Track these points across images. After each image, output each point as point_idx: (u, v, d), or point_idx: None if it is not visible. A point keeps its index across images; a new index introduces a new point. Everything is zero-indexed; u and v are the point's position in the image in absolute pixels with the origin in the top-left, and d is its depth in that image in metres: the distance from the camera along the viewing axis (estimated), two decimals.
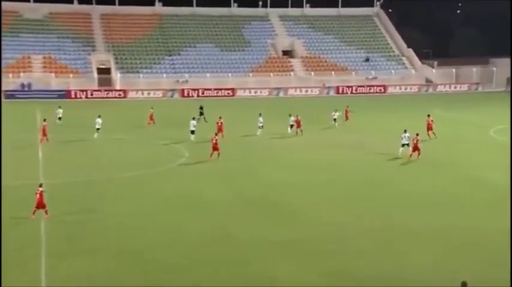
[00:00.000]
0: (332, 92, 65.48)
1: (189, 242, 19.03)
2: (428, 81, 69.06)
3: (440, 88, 67.14)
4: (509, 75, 68.14)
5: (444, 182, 26.11)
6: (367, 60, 71.41)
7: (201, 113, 42.71)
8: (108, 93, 59.65)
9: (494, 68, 69.77)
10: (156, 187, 25.14)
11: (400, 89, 66.39)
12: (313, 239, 19.39)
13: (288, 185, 25.76)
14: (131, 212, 21.84)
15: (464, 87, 67.32)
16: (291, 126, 37.16)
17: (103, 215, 21.38)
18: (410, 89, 66.52)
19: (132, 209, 22.29)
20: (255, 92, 63.87)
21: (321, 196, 24.09)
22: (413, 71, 69.58)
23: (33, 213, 20.65)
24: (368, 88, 65.92)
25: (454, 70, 69.43)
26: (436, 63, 75.12)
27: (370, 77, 67.98)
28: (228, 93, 63.56)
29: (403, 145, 30.83)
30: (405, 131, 31.12)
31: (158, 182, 25.85)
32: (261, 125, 37.31)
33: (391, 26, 76.18)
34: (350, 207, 22.69)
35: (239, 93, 63.75)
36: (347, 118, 41.22)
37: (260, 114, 37.82)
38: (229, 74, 66.38)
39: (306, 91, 65.23)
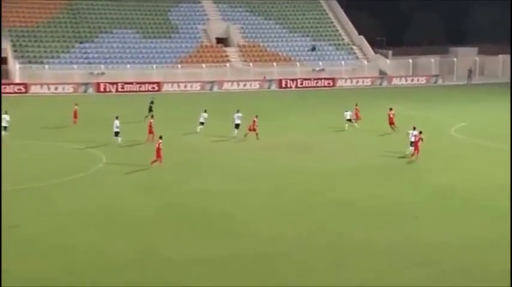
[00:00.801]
0: (274, 86, 66.28)
1: (108, 266, 18.86)
2: (382, 73, 71.09)
3: (395, 81, 69.26)
4: (471, 66, 71.14)
5: (400, 189, 27.05)
6: (313, 49, 72.76)
7: (151, 109, 42.82)
8: (5, 88, 57.83)
9: (455, 59, 72.69)
10: (68, 199, 24.74)
11: (351, 82, 68.03)
12: (255, 256, 19.67)
13: (228, 195, 25.96)
14: (36, 232, 21.39)
15: (422, 80, 69.75)
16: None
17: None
18: (363, 82, 68.27)
19: (37, 228, 21.84)
20: (185, 87, 63.80)
21: (265, 207, 24.43)
22: (365, 62, 71.47)
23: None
24: (315, 81, 67.16)
25: (410, 61, 71.82)
26: (390, 52, 77.43)
27: (317, 68, 69.31)
28: (153, 87, 63.14)
29: (411, 144, 32.23)
30: (414, 129, 32.55)
31: (70, 194, 25.44)
32: (202, 121, 38.71)
33: (341, 10, 77.96)
34: (297, 219, 23.13)
35: (166, 87, 63.47)
36: (357, 118, 41.53)
37: (205, 111, 39.43)
38: (154, 66, 65.95)
39: (244, 85, 65.71)
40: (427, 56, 73.74)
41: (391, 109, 39.39)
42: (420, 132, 32.26)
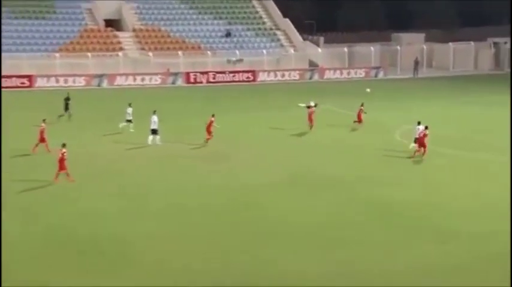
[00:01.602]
0: (180, 81, 66.25)
1: None
2: (313, 65, 72.43)
3: (328, 74, 70.71)
4: (417, 56, 73.58)
5: (336, 205, 27.55)
6: (228, 35, 73.23)
7: (67, 107, 43.41)
8: None
9: (399, 47, 74.99)
10: None
11: (275, 75, 68.94)
12: None
13: (123, 216, 25.77)
14: None
15: (361, 73, 71.52)
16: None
17: None
18: (289, 75, 69.33)
19: None
20: (65, 81, 62.75)
21: (166, 231, 24.38)
22: (292, 51, 72.58)
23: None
24: (231, 75, 67.61)
25: (346, 49, 73.50)
26: (322, 39, 79.02)
27: (234, 59, 69.82)
28: (23, 83, 61.79)
29: (415, 140, 35.40)
30: (419, 123, 35.48)
31: None
32: (129, 118, 40.71)
33: None
34: (207, 245, 23.18)
35: (40, 82, 62.27)
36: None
37: (130, 105, 40.90)
38: (25, 55, 64.46)
39: (142, 79, 65.35)
40: (365, 43, 75.71)
41: (362, 105, 42.86)
42: (426, 128, 34.94)
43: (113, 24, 71.78)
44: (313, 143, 39.19)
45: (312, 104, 42.75)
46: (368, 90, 43.20)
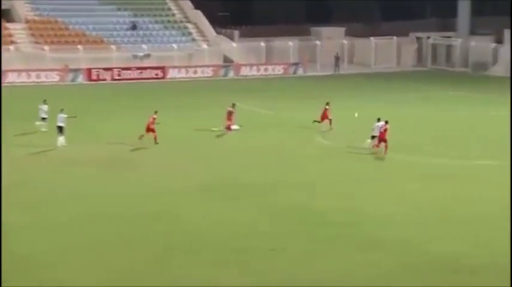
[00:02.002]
0: (80, 79, 65.37)
1: None
2: (228, 61, 72.55)
3: (245, 71, 70.99)
4: (338, 52, 74.65)
5: (252, 214, 27.68)
6: (133, 28, 72.65)
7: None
8: None
9: (318, 42, 75.94)
10: None
11: (187, 72, 68.82)
12: None
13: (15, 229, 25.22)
14: None
15: (279, 70, 72.09)
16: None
17: None
18: (202, 72, 69.32)
19: None
20: None
21: (71, 242, 24.03)
22: (204, 45, 72.57)
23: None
24: (138, 72, 67.10)
25: (263, 44, 73.98)
26: (237, 33, 79.24)
27: (141, 54, 69.31)
28: None
29: (373, 137, 37.04)
30: (378, 120, 37.29)
31: None
32: (44, 116, 41.05)
33: None
34: (113, 259, 22.94)
35: None
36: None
37: (45, 101, 41.58)
38: None
39: (38, 76, 64.16)
40: (283, 38, 76.37)
41: (327, 104, 42.91)
42: (386, 122, 36.76)
43: (3, 14, 70.06)
44: (231, 146, 39.35)
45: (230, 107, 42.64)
46: (356, 115, 43.50)
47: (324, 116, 42.81)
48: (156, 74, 67.52)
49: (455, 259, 23.01)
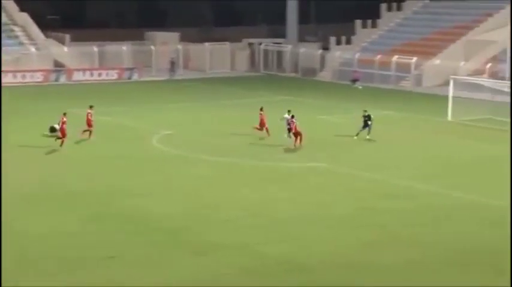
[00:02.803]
0: None
1: None
2: (59, 66, 71.18)
3: (77, 76, 69.89)
4: (173, 57, 74.87)
5: (88, 222, 27.44)
6: None
7: None
8: None
9: (153, 47, 75.89)
10: None
11: (15, 77, 66.93)
12: None
13: None
14: None
15: (113, 75, 71.45)
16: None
17: None
18: (31, 77, 67.66)
19: None
20: None
21: None
22: (33, 49, 70.88)
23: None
24: None
25: (96, 49, 73.10)
26: (68, 37, 77.93)
27: None
28: None
29: (289, 131, 40.28)
30: (289, 111, 40.67)
31: None
32: None
33: None
34: None
35: None
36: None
37: None
38: None
39: None
40: (117, 42, 75.80)
41: (261, 109, 43.29)
42: (292, 117, 40.02)
43: None
44: (64, 154, 38.59)
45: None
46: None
47: (262, 123, 42.69)
48: None
49: (288, 260, 23.80)
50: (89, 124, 41.08)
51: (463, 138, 43.89)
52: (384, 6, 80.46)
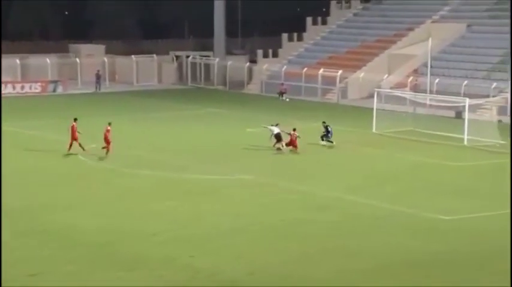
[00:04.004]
0: None
1: None
2: None
3: None
4: (99, 70, 73.91)
5: (7, 241, 26.65)
6: None
7: None
8: None
9: (78, 59, 74.87)
10: None
11: None
12: None
13: None
14: None
15: (37, 88, 70.12)
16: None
17: None
18: None
19: None
20: None
21: None
22: None
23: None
24: None
25: (18, 61, 71.72)
26: None
27: None
28: None
29: (287, 144, 42.16)
30: (277, 125, 42.99)
31: None
32: None
33: None
34: None
35: None
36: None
37: None
38: None
39: None
40: (41, 54, 74.50)
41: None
42: (294, 130, 42.40)
43: None
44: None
45: None
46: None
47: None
48: None
49: (217, 273, 23.59)
50: (107, 141, 40.62)
51: (387, 150, 44.43)
52: (309, 19, 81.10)
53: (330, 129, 44.76)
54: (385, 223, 29.50)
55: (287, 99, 67.47)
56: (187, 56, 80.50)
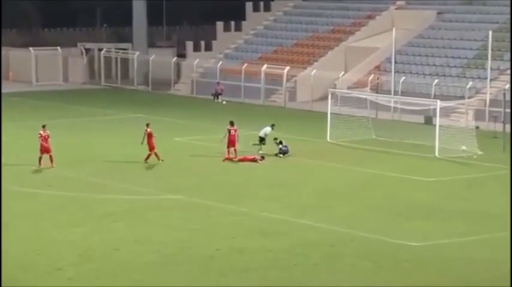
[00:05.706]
0: None
1: None
2: None
3: None
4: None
5: None
6: None
7: None
8: None
9: None
10: None
11: None
12: None
13: None
14: None
15: None
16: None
17: None
18: None
19: None
20: None
21: None
22: None
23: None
24: None
25: None
26: None
27: None
28: None
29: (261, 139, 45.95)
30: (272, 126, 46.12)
31: None
32: None
33: None
34: None
35: None
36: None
37: None
38: None
39: None
40: None
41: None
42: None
43: None
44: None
45: None
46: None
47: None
48: None
49: None
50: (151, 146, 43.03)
51: (344, 163, 44.76)
52: (249, 5, 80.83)
53: (283, 147, 45.91)
54: (341, 251, 29.62)
55: (223, 102, 67.67)
56: (100, 49, 79.85)
